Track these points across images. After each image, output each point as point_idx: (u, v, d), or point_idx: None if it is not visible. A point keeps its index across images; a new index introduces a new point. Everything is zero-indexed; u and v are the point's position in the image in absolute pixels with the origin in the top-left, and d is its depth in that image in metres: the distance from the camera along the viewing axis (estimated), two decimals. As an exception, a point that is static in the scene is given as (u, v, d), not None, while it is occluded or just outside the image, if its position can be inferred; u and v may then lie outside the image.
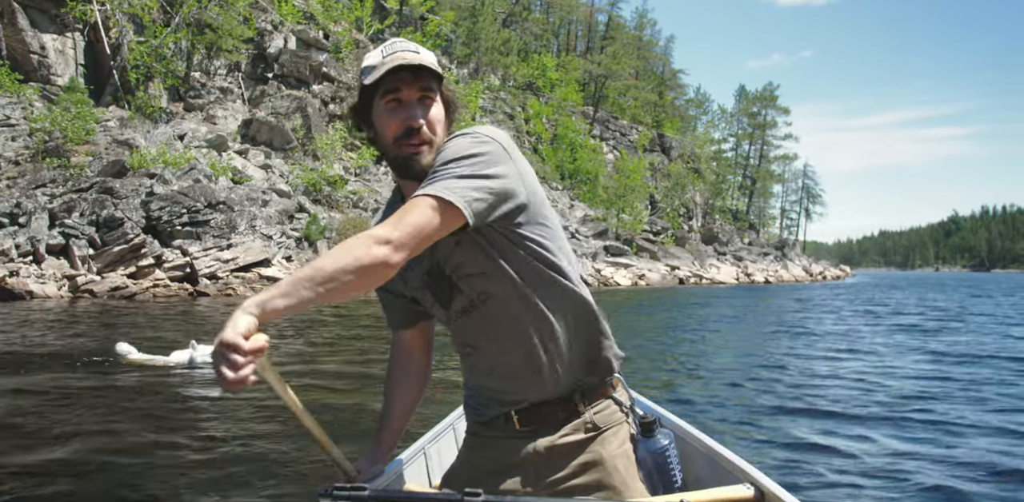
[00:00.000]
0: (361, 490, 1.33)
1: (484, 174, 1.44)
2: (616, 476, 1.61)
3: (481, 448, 1.73)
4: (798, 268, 54.31)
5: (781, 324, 14.85)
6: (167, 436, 4.49)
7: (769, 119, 74.03)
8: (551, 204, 1.65)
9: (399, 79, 1.47)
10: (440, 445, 2.35)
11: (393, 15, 36.63)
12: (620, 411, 1.69)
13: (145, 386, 6.04)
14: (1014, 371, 8.24)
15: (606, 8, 59.89)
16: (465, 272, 1.57)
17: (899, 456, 4.50)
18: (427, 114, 1.51)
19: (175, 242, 16.24)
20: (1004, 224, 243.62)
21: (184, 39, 25.07)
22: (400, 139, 1.51)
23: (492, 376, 1.67)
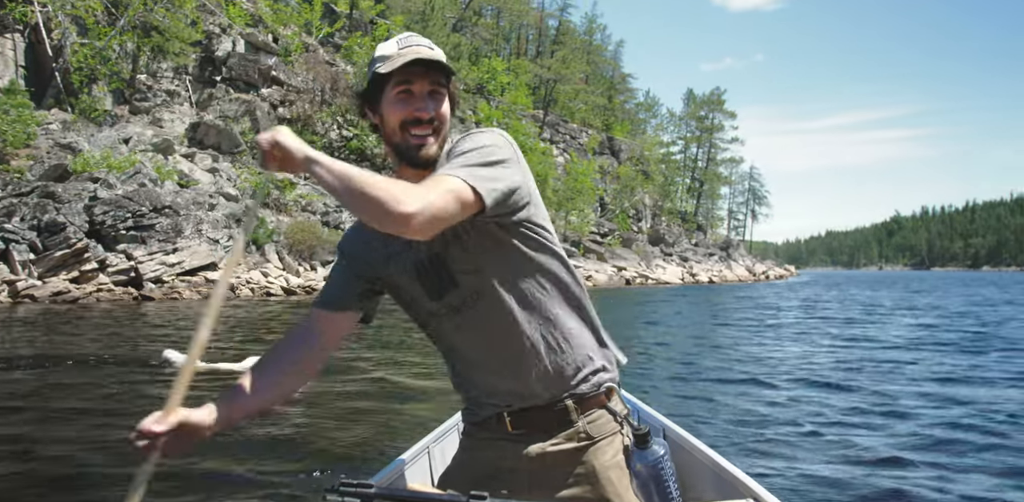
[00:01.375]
0: (367, 487, 1.33)
1: (503, 167, 1.47)
2: (609, 488, 1.61)
3: (474, 450, 1.73)
4: (741, 268, 55.70)
5: (728, 320, 15.55)
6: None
7: (716, 123, 75.55)
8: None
9: (412, 72, 1.51)
10: (444, 445, 2.35)
11: (343, 19, 36.67)
12: (615, 421, 1.67)
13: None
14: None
15: (556, 13, 60.65)
16: (462, 267, 1.57)
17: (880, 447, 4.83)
18: (437, 107, 1.55)
19: (119, 246, 16.25)
20: (943, 224, 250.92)
21: (130, 41, 24.83)
22: (407, 125, 1.53)
23: (481, 375, 1.66)
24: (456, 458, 1.78)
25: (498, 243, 1.55)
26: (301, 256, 21.05)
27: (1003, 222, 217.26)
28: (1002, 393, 7.06)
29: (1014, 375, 8.19)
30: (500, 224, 1.53)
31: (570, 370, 1.62)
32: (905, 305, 23.49)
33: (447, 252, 1.57)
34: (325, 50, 34.10)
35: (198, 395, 1.39)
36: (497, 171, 1.45)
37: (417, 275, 1.61)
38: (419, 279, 1.61)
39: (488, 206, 1.42)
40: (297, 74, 30.82)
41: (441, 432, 2.38)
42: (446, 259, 1.57)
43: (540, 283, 1.59)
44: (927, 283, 53.92)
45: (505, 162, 1.48)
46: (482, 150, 1.47)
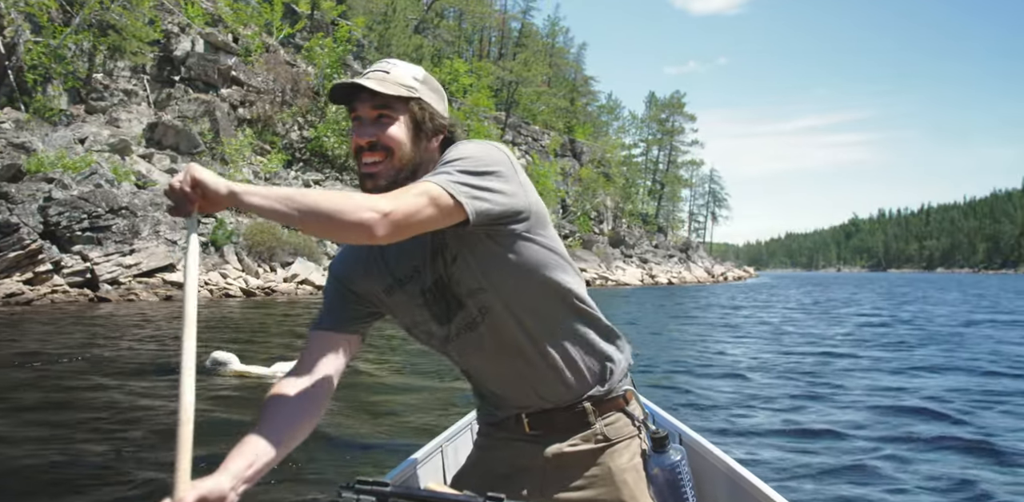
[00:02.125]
0: (383, 485, 1.31)
1: (490, 175, 1.43)
2: (625, 490, 1.60)
3: (491, 449, 1.72)
4: (700, 270, 56.57)
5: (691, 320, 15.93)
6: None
7: (677, 125, 76.57)
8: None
9: (357, 99, 1.49)
10: (457, 444, 2.35)
11: (304, 19, 36.53)
12: (632, 424, 1.68)
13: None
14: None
15: (519, 16, 61.00)
16: (466, 288, 1.54)
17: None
18: (380, 132, 1.49)
19: (75, 248, 16.12)
20: (899, 226, 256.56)
21: (85, 40, 24.52)
22: (356, 156, 1.51)
23: (499, 386, 1.65)
24: (471, 457, 1.78)
25: (499, 259, 1.51)
26: (260, 257, 21.02)
27: (956, 225, 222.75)
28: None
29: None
30: (497, 240, 1.49)
31: (588, 375, 1.62)
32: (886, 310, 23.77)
33: (449, 274, 1.54)
34: (286, 50, 33.95)
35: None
36: (483, 181, 1.41)
37: (424, 302, 1.58)
38: (427, 306, 1.59)
39: (471, 216, 1.38)
40: (257, 74, 30.63)
41: (455, 431, 2.37)
42: (450, 282, 1.54)
43: (547, 293, 1.56)
44: (883, 285, 55.17)
45: (495, 173, 1.44)
46: (468, 159, 1.43)
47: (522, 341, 1.56)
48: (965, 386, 7.68)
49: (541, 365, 1.58)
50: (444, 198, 1.34)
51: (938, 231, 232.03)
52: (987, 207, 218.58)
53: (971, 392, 7.29)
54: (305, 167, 30.37)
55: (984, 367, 9.16)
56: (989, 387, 7.63)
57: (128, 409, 5.51)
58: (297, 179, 28.88)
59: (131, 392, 6.10)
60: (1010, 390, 7.45)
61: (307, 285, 20.59)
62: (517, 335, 1.56)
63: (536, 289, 1.54)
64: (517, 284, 1.53)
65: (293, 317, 14.27)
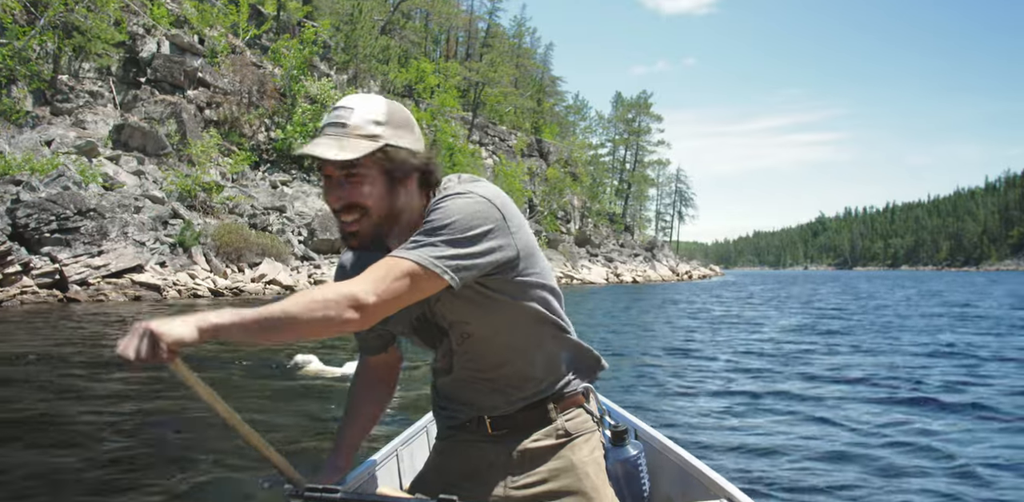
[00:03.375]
0: (333, 492, 1.28)
1: (478, 238, 1.42)
2: (587, 482, 1.63)
3: (451, 452, 1.75)
4: (665, 268, 57.38)
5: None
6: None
7: (644, 126, 77.44)
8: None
9: (322, 158, 1.46)
10: (412, 448, 2.37)
11: (270, 20, 36.64)
12: (592, 420, 1.72)
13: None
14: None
15: (485, 17, 61.43)
16: (450, 320, 1.60)
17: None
18: (351, 193, 1.48)
19: (44, 249, 16.34)
20: (864, 225, 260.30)
21: (50, 42, 24.55)
22: (335, 215, 1.52)
23: (466, 392, 1.71)
24: (431, 461, 1.81)
25: (485, 297, 1.55)
26: (228, 258, 21.28)
27: (921, 223, 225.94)
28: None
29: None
30: (487, 285, 1.53)
31: (552, 380, 1.69)
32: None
33: (435, 309, 1.61)
34: (252, 52, 34.06)
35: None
36: (470, 247, 1.41)
37: (413, 331, 1.69)
38: (416, 334, 1.69)
39: (455, 286, 1.40)
40: (224, 76, 30.74)
41: (410, 435, 2.39)
42: (435, 315, 1.61)
43: (527, 320, 1.61)
44: (839, 281, 56.43)
45: (484, 234, 1.43)
46: (454, 225, 1.41)
47: (497, 358, 1.64)
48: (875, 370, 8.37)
49: (513, 378, 1.66)
50: (426, 277, 1.37)
51: (903, 229, 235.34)
52: (951, 205, 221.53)
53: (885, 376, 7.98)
54: (272, 168, 30.60)
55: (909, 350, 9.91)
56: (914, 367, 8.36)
57: (103, 404, 5.88)
58: (264, 180, 29.10)
59: (100, 388, 6.50)
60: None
61: (275, 285, 20.92)
62: (493, 354, 1.64)
63: (519, 321, 1.61)
64: (501, 320, 1.59)
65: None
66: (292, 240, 24.68)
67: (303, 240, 25.33)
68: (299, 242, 25.01)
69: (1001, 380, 7.84)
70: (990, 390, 7.23)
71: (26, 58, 23.74)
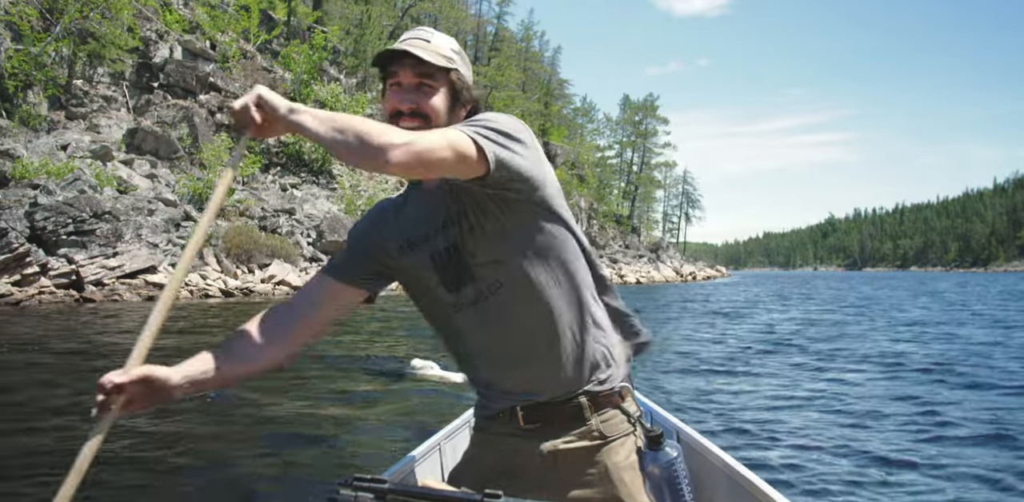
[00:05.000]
0: (381, 482, 1.30)
1: (514, 139, 1.44)
2: (622, 488, 1.59)
3: (486, 446, 1.71)
4: (669, 269, 57.75)
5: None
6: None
7: (651, 128, 77.79)
8: None
9: (400, 64, 1.50)
10: (455, 441, 2.36)
11: (281, 26, 37.18)
12: (627, 422, 1.66)
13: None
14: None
15: (493, 21, 61.97)
16: (480, 260, 1.54)
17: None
18: (422, 100, 1.51)
19: (61, 251, 16.87)
20: (874, 226, 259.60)
21: (65, 48, 25.10)
22: (394, 118, 1.51)
23: (496, 370, 1.64)
24: (467, 454, 1.78)
25: (517, 230, 1.52)
26: (239, 259, 21.77)
27: (930, 224, 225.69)
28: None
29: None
30: (517, 212, 1.51)
31: (587, 366, 1.61)
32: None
33: (464, 242, 1.54)
34: (263, 57, 34.61)
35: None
36: (506, 140, 1.43)
37: (434, 267, 1.59)
38: (436, 271, 1.59)
39: (491, 165, 1.39)
40: (235, 80, 31.25)
41: (452, 429, 2.39)
42: (463, 250, 1.54)
43: (561, 273, 1.57)
44: (842, 282, 56.32)
45: (519, 139, 1.46)
46: (495, 122, 1.45)
47: (528, 322, 1.56)
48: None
49: (542, 350, 1.58)
50: (467, 144, 1.37)
51: (912, 230, 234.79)
52: (959, 206, 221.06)
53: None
54: (282, 171, 31.11)
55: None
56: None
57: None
58: (275, 183, 29.61)
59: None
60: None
61: (284, 286, 21.40)
62: (524, 315, 1.56)
63: (550, 266, 1.55)
64: (532, 261, 1.53)
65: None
66: (301, 242, 25.16)
67: (312, 242, 25.80)
68: (308, 244, 25.48)
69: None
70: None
71: (42, 64, 24.31)
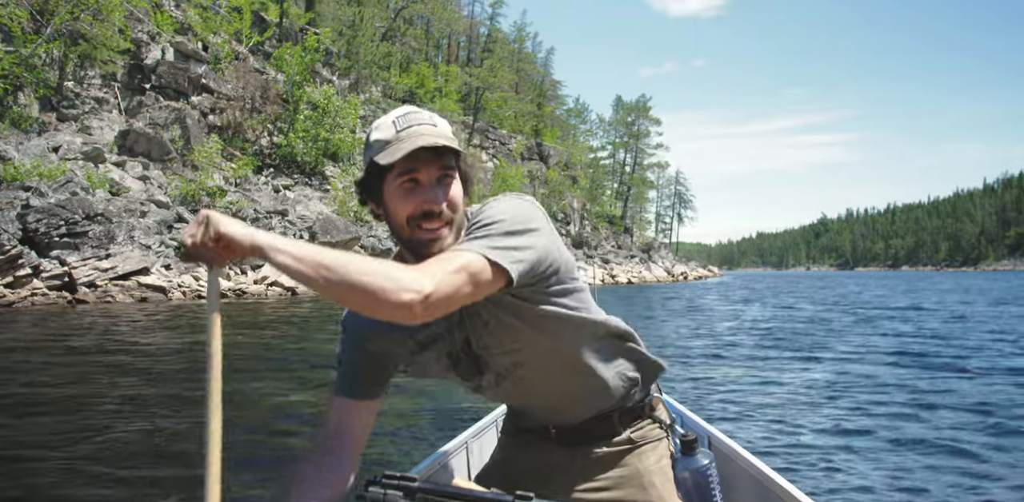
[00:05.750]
0: (411, 480, 1.27)
1: (529, 235, 1.35)
2: (652, 492, 1.58)
3: (517, 450, 1.72)
4: (660, 269, 58.11)
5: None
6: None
7: (643, 129, 78.09)
8: None
9: (417, 159, 1.34)
10: (483, 440, 2.36)
11: (273, 27, 37.20)
12: (659, 428, 1.68)
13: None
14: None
15: (485, 22, 62.08)
16: (495, 351, 1.50)
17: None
18: (447, 195, 1.38)
19: (53, 252, 16.86)
20: (865, 226, 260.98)
21: (56, 49, 25.07)
22: (416, 220, 1.38)
23: (528, 410, 1.69)
24: (496, 456, 1.78)
25: (532, 314, 1.45)
26: (231, 261, 21.79)
27: (921, 224, 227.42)
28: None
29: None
30: (533, 299, 1.43)
31: (615, 394, 1.63)
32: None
33: (479, 337, 1.49)
34: (255, 58, 34.62)
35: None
36: (522, 240, 1.33)
37: (450, 364, 1.55)
38: (452, 368, 1.55)
39: (515, 280, 1.31)
40: (227, 82, 31.28)
41: (480, 427, 2.39)
42: (478, 344, 1.49)
43: (573, 337, 1.53)
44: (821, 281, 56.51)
45: (531, 230, 1.36)
46: (505, 220, 1.34)
47: (552, 382, 1.57)
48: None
49: (570, 396, 1.60)
50: (483, 267, 1.27)
51: (903, 230, 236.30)
52: (950, 206, 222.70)
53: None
54: (275, 173, 31.14)
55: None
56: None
57: (111, 400, 6.30)
58: (267, 184, 29.63)
59: (111, 384, 6.99)
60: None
61: (277, 287, 21.43)
62: (548, 379, 1.56)
63: (562, 336, 1.51)
64: (549, 337, 1.49)
65: (314, 315, 15.14)
66: (294, 243, 25.16)
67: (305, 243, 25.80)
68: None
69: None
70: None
71: (33, 65, 24.26)
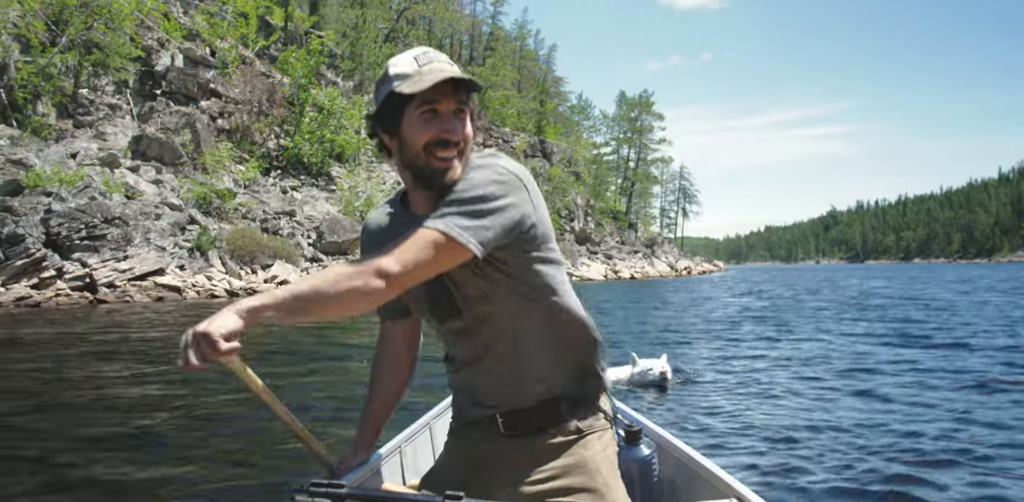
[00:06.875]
0: (339, 487, 1.25)
1: (499, 209, 1.42)
2: (599, 478, 1.60)
3: (462, 450, 1.73)
4: (663, 264, 58.59)
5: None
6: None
7: (646, 124, 78.47)
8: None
9: (438, 91, 1.43)
10: (416, 444, 2.37)
11: (278, 31, 38.08)
12: (604, 418, 1.69)
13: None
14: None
15: (487, 20, 62.76)
16: (467, 293, 1.56)
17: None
18: (463, 128, 1.48)
19: (75, 255, 17.87)
20: (876, 218, 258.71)
21: (72, 58, 26.02)
22: (432, 147, 1.47)
23: (479, 384, 1.68)
24: (441, 457, 1.80)
25: (503, 270, 1.53)
26: (242, 261, 22.73)
27: (933, 215, 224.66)
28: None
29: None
30: (502, 254, 1.51)
31: (565, 373, 1.65)
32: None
33: (452, 279, 1.55)
34: (261, 62, 35.50)
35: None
36: (491, 217, 1.41)
37: (427, 297, 1.63)
38: (428, 301, 1.64)
39: (477, 254, 1.39)
40: (235, 86, 32.17)
41: (413, 431, 2.40)
42: (453, 285, 1.56)
43: (541, 302, 1.59)
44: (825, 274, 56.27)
45: (502, 208, 1.43)
46: (473, 196, 1.42)
47: (509, 344, 1.61)
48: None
49: (523, 363, 1.62)
50: (450, 246, 1.37)
51: (915, 222, 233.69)
52: (963, 197, 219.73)
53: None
54: (283, 174, 32.07)
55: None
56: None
57: (137, 395, 6.61)
58: (275, 186, 30.58)
59: (135, 379, 7.56)
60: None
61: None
62: (505, 339, 1.60)
63: (532, 298, 1.58)
64: (524, 296, 1.57)
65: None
66: (302, 243, 26.11)
67: (312, 243, 26.75)
68: (308, 244, 26.42)
69: None
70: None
71: (49, 74, 25.28)
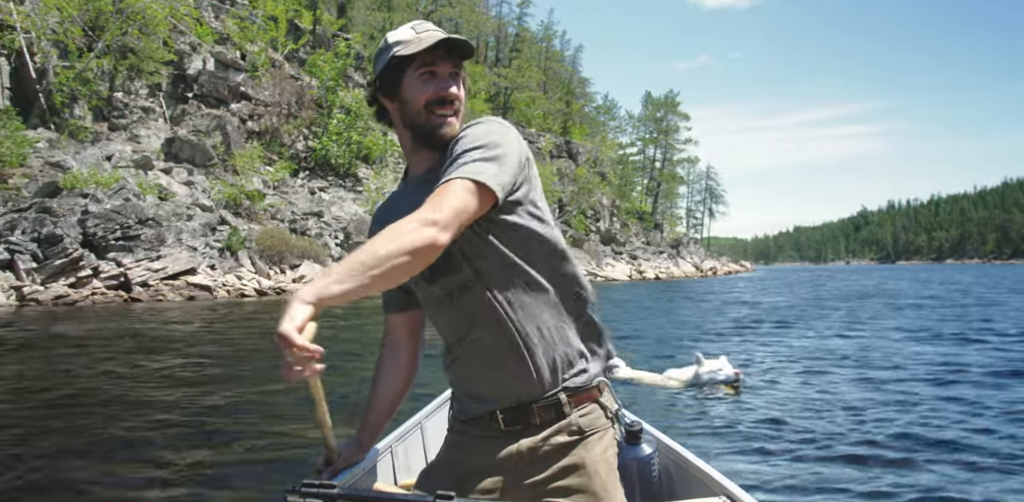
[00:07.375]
0: (330, 488, 1.26)
1: (505, 155, 1.50)
2: (597, 481, 1.59)
3: (462, 447, 1.72)
4: (688, 265, 58.39)
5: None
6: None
7: (672, 125, 78.26)
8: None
9: (435, 54, 1.55)
10: (407, 444, 2.37)
11: (307, 35, 38.68)
12: (605, 416, 1.66)
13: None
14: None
15: (513, 22, 63.04)
16: (466, 249, 1.57)
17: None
18: (458, 88, 1.60)
19: (110, 254, 18.43)
20: (907, 218, 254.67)
21: (107, 63, 26.71)
22: (432, 105, 1.57)
23: (476, 368, 1.66)
24: (441, 454, 1.79)
25: (497, 226, 1.56)
26: (271, 260, 23.22)
27: (966, 215, 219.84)
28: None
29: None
30: (503, 218, 1.56)
31: (563, 363, 1.62)
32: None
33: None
34: (290, 65, 36.10)
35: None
36: (499, 163, 1.48)
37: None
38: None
39: (500, 198, 1.47)
40: (264, 89, 32.80)
41: (404, 431, 2.40)
42: (453, 244, 1.52)
43: (538, 266, 1.61)
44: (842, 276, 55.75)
45: (504, 153, 1.51)
46: (481, 146, 1.49)
47: (502, 318, 1.59)
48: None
49: (519, 345, 1.59)
50: (477, 188, 1.43)
51: (947, 222, 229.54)
52: (998, 196, 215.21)
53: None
54: (310, 175, 32.61)
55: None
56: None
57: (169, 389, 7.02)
58: (303, 187, 31.11)
59: (169, 376, 7.84)
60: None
61: (314, 284, 22.76)
62: (503, 306, 1.59)
63: (530, 261, 1.59)
64: (510, 258, 1.58)
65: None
66: (329, 243, 26.57)
67: (339, 243, 27.20)
68: (336, 244, 26.88)
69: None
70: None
71: (86, 79, 25.99)
